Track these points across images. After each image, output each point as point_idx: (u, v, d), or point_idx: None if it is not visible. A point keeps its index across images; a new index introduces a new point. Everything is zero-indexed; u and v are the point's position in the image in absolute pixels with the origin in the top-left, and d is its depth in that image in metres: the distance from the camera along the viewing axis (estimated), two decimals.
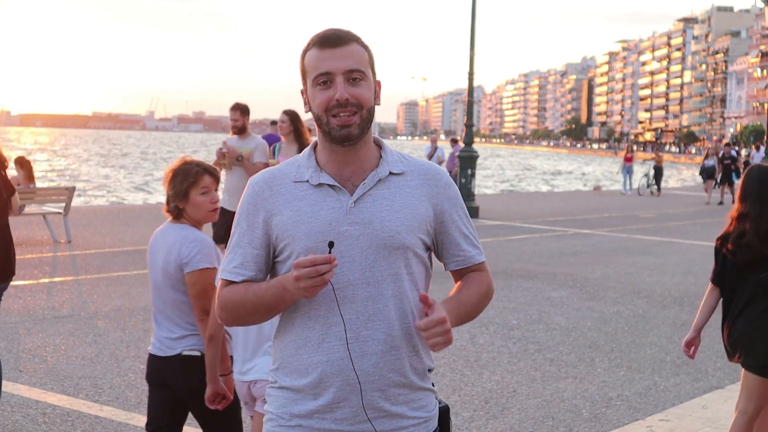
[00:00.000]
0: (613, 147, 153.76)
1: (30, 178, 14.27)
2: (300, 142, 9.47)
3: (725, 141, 54.33)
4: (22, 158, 14.68)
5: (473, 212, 19.27)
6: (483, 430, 5.73)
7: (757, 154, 38.90)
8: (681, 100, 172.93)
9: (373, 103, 2.31)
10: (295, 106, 9.15)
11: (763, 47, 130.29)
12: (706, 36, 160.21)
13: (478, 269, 2.45)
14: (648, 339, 8.40)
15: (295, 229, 2.27)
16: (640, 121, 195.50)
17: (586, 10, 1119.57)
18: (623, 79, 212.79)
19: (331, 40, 2.28)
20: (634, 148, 48.30)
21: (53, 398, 6.04)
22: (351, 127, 2.26)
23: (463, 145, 21.18)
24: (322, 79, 2.27)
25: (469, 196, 20.28)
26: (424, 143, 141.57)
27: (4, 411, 5.73)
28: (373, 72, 2.33)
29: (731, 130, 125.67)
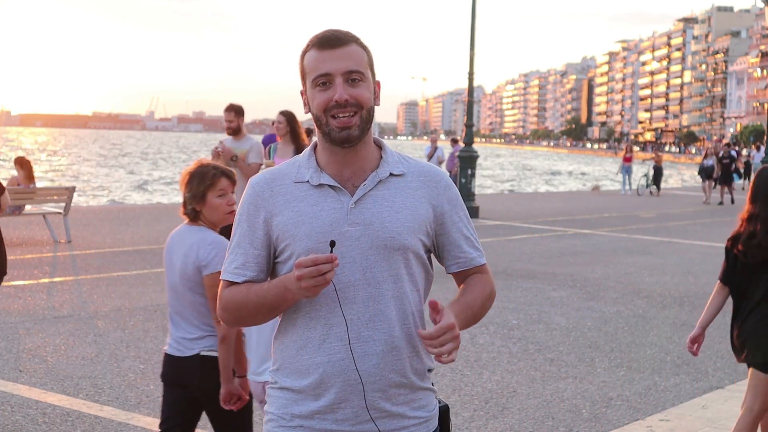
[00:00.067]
0: (613, 147, 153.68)
1: (30, 178, 14.26)
2: (296, 143, 9.47)
3: (725, 141, 54.35)
4: (22, 158, 14.67)
5: (473, 212, 19.27)
6: (483, 430, 5.73)
7: (757, 154, 38.89)
8: (681, 100, 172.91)
9: (373, 104, 2.31)
10: (296, 106, 9.16)
11: (763, 47, 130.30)
12: (706, 36, 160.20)
13: (480, 271, 2.44)
14: (648, 339, 8.41)
15: (296, 230, 2.27)
16: (640, 121, 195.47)
17: (586, 10, 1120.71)
18: (623, 79, 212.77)
19: (330, 41, 2.28)
20: (634, 148, 48.25)
21: (53, 398, 6.04)
22: (351, 129, 2.26)
23: (463, 145, 21.18)
24: (321, 81, 2.27)
25: (469, 196, 20.28)
26: (424, 143, 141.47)
27: (4, 411, 5.74)
28: (373, 72, 2.33)
29: (731, 130, 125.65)
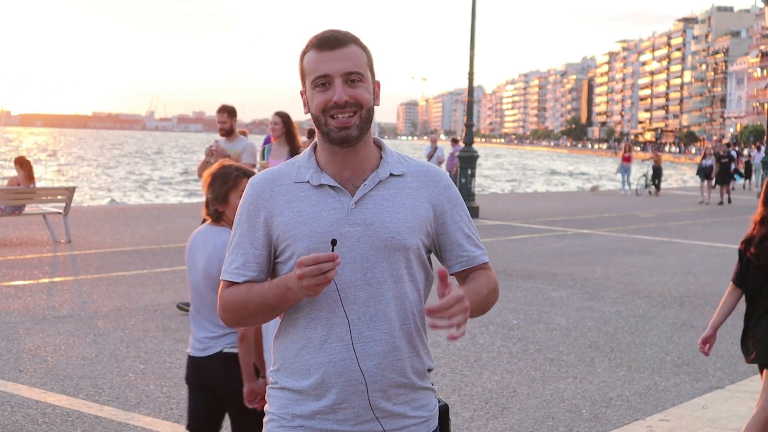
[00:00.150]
0: (613, 147, 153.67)
1: (30, 178, 14.26)
2: (291, 144, 9.45)
3: (725, 141, 54.32)
4: (22, 158, 14.66)
5: (473, 212, 19.28)
6: (483, 430, 5.73)
7: (757, 154, 38.89)
8: (681, 100, 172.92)
9: (373, 104, 2.31)
10: (296, 106, 9.15)
11: (763, 47, 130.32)
12: (706, 36, 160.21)
13: (483, 269, 2.43)
14: (648, 339, 8.41)
15: (296, 230, 2.27)
16: (640, 121, 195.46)
17: (586, 10, 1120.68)
18: (623, 79, 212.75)
19: (329, 42, 2.28)
20: (634, 148, 48.24)
21: (53, 398, 6.04)
22: (349, 129, 2.26)
23: (463, 145, 21.19)
24: (320, 81, 2.27)
25: (469, 196, 20.29)
26: (424, 143, 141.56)
27: (4, 411, 5.74)
28: (372, 73, 2.33)
29: (731, 130, 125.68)
